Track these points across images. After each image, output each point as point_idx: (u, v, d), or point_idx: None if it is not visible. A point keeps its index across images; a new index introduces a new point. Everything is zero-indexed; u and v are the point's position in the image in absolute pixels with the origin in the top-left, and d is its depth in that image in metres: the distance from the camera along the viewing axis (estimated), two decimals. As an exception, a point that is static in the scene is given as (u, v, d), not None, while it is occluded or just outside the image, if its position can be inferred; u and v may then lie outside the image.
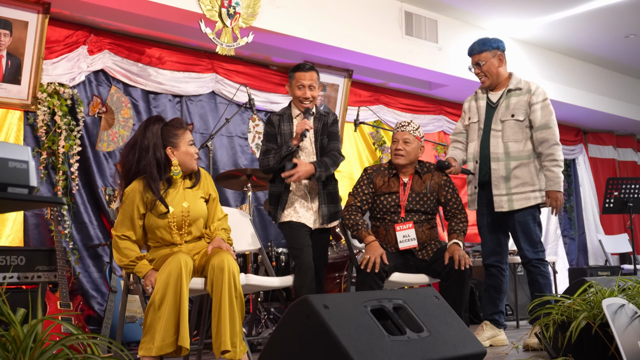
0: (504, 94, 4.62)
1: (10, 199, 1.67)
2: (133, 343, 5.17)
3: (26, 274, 4.71)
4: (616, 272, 7.89)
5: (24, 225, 5.47)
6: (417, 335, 2.57)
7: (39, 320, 1.94)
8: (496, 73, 4.62)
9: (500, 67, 4.63)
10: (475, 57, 4.65)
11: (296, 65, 4.29)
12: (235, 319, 3.39)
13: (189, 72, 6.60)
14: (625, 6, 7.69)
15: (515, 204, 4.48)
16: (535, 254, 4.48)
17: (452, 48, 7.62)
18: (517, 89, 4.62)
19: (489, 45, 4.62)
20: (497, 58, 4.61)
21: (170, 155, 3.63)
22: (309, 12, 6.42)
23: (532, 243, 4.49)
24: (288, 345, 2.49)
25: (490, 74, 4.62)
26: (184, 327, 3.30)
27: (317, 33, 6.51)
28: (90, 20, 5.89)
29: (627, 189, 7.00)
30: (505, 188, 4.50)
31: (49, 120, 5.64)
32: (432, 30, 7.52)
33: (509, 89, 4.62)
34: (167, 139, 3.63)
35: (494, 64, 4.60)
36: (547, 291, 4.43)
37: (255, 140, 7.08)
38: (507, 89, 4.62)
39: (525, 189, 4.49)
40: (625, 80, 10.27)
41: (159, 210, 3.58)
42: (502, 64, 4.65)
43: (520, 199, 4.48)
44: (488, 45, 4.62)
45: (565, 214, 10.43)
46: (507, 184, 4.50)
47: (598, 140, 11.03)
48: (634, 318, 2.94)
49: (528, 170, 4.51)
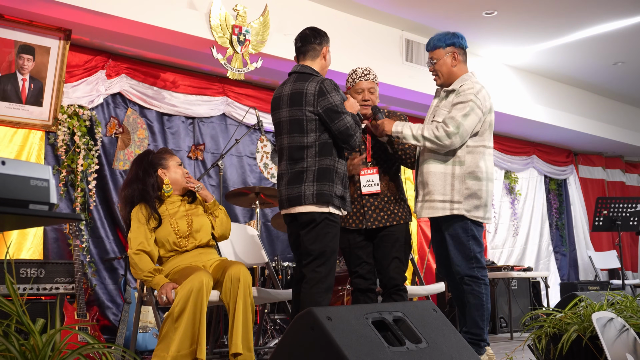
0: (444, 96, 4.04)
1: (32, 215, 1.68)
2: (146, 352, 5.16)
3: (45, 286, 4.71)
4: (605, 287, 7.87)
5: (43, 239, 5.47)
6: (415, 346, 2.56)
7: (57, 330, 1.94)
8: (447, 72, 4.00)
9: (455, 67, 4.00)
10: (429, 53, 4.08)
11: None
12: (248, 326, 3.45)
13: (201, 95, 6.63)
14: (614, 35, 7.71)
15: (423, 212, 3.95)
16: (469, 269, 3.87)
17: (449, 74, 7.64)
18: (453, 90, 3.98)
19: (443, 42, 4.01)
20: (450, 56, 3.99)
21: (162, 176, 3.82)
22: (315, 40, 6.44)
23: (465, 257, 3.88)
24: (293, 355, 2.48)
25: (442, 72, 4.02)
26: (202, 340, 3.32)
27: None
28: (108, 46, 5.93)
29: (616, 208, 6.99)
30: (421, 195, 4.00)
31: (69, 140, 5.66)
32: (431, 57, 7.54)
33: (447, 90, 4.02)
34: (157, 163, 3.85)
35: (446, 63, 3.99)
36: (477, 313, 3.85)
37: (264, 160, 7.09)
38: (446, 89, 4.03)
39: (433, 197, 3.90)
40: (613, 105, 10.28)
41: (161, 221, 3.71)
42: (457, 63, 4.01)
43: (427, 208, 3.93)
44: (442, 41, 4.01)
45: (557, 231, 10.41)
46: (422, 190, 3.98)
47: (588, 162, 11.02)
48: (622, 331, 2.93)
49: (441, 177, 3.90)
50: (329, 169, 3.52)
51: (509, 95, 8.50)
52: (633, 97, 10.15)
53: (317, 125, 3.53)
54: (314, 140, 3.53)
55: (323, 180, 3.50)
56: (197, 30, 5.67)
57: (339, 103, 3.52)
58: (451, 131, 3.81)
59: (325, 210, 3.49)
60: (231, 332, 3.43)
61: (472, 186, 3.89)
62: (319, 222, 3.49)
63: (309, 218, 3.50)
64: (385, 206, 4.01)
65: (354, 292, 4.06)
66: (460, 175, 3.89)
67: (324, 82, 3.58)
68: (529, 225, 9.89)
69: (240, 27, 5.88)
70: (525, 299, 7.58)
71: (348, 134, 3.51)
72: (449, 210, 3.88)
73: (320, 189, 3.48)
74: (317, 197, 3.48)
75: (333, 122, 3.51)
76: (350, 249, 4.03)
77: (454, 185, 3.88)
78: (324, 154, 3.53)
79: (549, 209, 10.35)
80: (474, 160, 3.91)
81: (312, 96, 3.53)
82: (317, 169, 3.51)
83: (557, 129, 9.18)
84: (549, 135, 9.62)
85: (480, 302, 3.86)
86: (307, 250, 3.51)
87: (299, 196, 3.51)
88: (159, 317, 3.64)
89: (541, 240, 10.01)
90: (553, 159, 10.30)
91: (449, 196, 3.88)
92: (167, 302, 3.40)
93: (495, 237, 9.33)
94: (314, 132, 3.53)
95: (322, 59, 3.74)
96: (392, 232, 4.01)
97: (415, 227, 8.22)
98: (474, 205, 3.90)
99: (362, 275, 4.01)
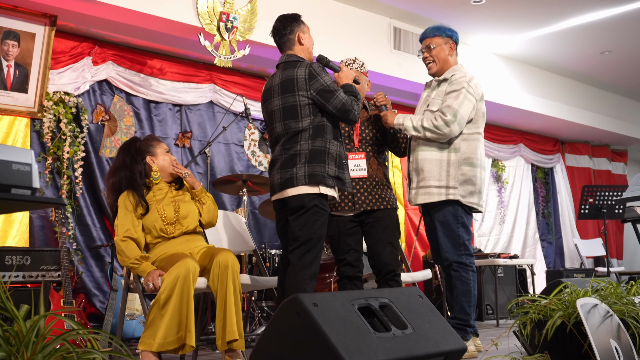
0: (436, 85, 4.18)
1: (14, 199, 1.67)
2: (133, 339, 5.15)
3: (31, 273, 4.68)
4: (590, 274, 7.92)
5: (29, 227, 5.44)
6: (401, 332, 2.56)
7: (41, 316, 1.93)
8: (444, 59, 4.17)
9: (450, 56, 4.19)
10: (427, 40, 4.24)
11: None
12: (239, 312, 3.46)
13: (188, 82, 6.60)
14: (601, 25, 7.73)
15: (419, 197, 4.05)
16: (457, 256, 3.97)
17: (437, 62, 7.63)
18: (445, 79, 4.13)
19: (443, 32, 4.21)
20: (448, 46, 4.18)
21: (151, 163, 3.80)
22: (303, 27, 6.42)
23: (454, 244, 3.98)
24: (279, 341, 2.48)
25: (438, 59, 4.17)
26: (190, 326, 3.32)
27: (310, 47, 6.51)
28: (94, 32, 5.88)
29: (602, 196, 7.03)
30: (415, 181, 4.09)
31: (55, 127, 5.62)
32: (419, 45, 7.52)
33: (439, 79, 4.17)
34: (145, 150, 3.82)
35: (444, 50, 4.17)
36: (465, 299, 3.95)
37: (251, 148, 7.08)
38: (437, 79, 4.18)
39: (428, 183, 4.01)
40: (600, 94, 10.32)
41: (149, 208, 3.69)
42: (452, 53, 4.20)
43: (423, 194, 4.03)
44: (442, 31, 4.21)
45: (544, 219, 10.46)
46: (417, 177, 4.08)
47: (574, 150, 11.07)
48: (606, 317, 2.94)
49: (436, 163, 4.01)
50: (321, 150, 3.55)
51: (497, 83, 8.51)
52: (620, 86, 10.19)
53: (310, 110, 3.57)
54: (308, 124, 3.56)
55: (314, 161, 3.53)
56: (184, 17, 5.64)
57: (330, 83, 3.57)
58: (449, 119, 3.93)
59: (316, 192, 3.51)
60: (223, 320, 3.42)
61: (467, 172, 4.00)
62: (308, 209, 3.50)
63: (299, 203, 3.52)
64: (374, 190, 4.06)
65: (341, 279, 4.06)
66: (456, 162, 4.00)
67: (312, 65, 3.61)
68: (516, 213, 9.94)
69: (227, 14, 5.84)
70: (512, 286, 7.63)
71: (345, 109, 3.55)
72: (445, 195, 3.97)
73: (312, 170, 3.51)
74: (308, 178, 3.50)
75: (328, 101, 3.55)
76: (339, 236, 4.04)
77: (449, 172, 3.98)
78: (317, 136, 3.56)
79: (536, 197, 10.40)
80: (469, 147, 4.04)
81: (304, 80, 3.56)
82: (310, 150, 3.54)
83: (545, 117, 9.21)
84: (536, 124, 9.65)
85: (468, 289, 3.95)
86: (294, 236, 3.53)
87: (291, 178, 3.52)
88: (145, 304, 3.62)
89: (528, 228, 10.06)
90: (540, 147, 10.34)
91: (444, 182, 3.98)
92: (154, 289, 3.39)
93: (482, 225, 9.37)
94: (308, 116, 3.56)
95: (298, 44, 3.76)
96: (382, 217, 4.04)
97: (403, 214, 8.24)
98: (469, 191, 4.00)
99: (350, 262, 4.02)
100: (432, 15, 7.29)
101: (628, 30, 7.93)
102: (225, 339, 3.40)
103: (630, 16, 7.51)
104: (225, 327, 3.41)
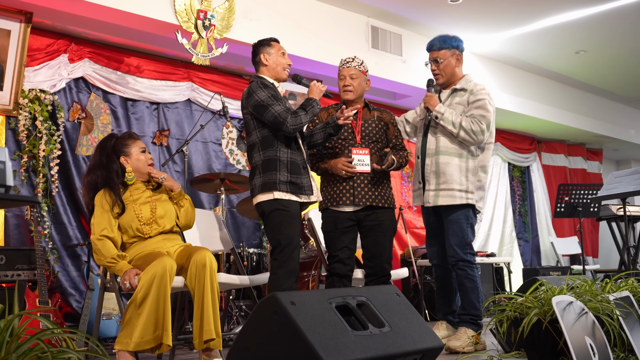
0: (450, 93, 4.34)
1: (-13, 198, 1.65)
2: (109, 339, 5.11)
3: (6, 273, 4.63)
4: (566, 272, 8.00)
5: (4, 226, 5.38)
6: (379, 330, 2.57)
7: (15, 315, 1.91)
8: (451, 72, 4.33)
9: (457, 67, 4.35)
10: (434, 53, 4.37)
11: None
12: (217, 311, 3.45)
13: (166, 80, 6.56)
14: (576, 24, 7.80)
15: (440, 199, 4.20)
16: (464, 254, 4.18)
17: (415, 61, 7.66)
18: (463, 89, 4.31)
19: (449, 44, 4.33)
20: (455, 57, 4.33)
21: (125, 163, 3.75)
22: (281, 25, 6.41)
23: (462, 243, 4.18)
24: (257, 340, 2.47)
25: (445, 72, 4.33)
26: (167, 325, 3.29)
27: (288, 45, 6.43)
28: (71, 29, 5.82)
29: (577, 194, 7.10)
30: (434, 184, 4.22)
31: (30, 125, 5.56)
32: (397, 44, 7.56)
33: (455, 88, 4.32)
34: (120, 150, 3.77)
35: (451, 63, 4.32)
36: (474, 296, 4.19)
37: (229, 146, 7.05)
38: (454, 87, 4.33)
39: (450, 186, 4.17)
40: (575, 94, 10.41)
41: (125, 208, 3.66)
42: (459, 64, 4.38)
43: (445, 196, 4.19)
44: (448, 43, 4.34)
45: (520, 218, 10.53)
46: (437, 179, 4.21)
47: (551, 149, 11.17)
48: (581, 314, 2.97)
49: (457, 168, 4.19)
50: (272, 159, 3.77)
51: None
52: (594, 85, 10.29)
53: (255, 124, 3.83)
54: (257, 137, 3.82)
55: (267, 170, 3.77)
56: (161, 15, 5.60)
57: (264, 98, 3.77)
58: (484, 129, 4.17)
59: (270, 198, 3.73)
60: (200, 319, 3.40)
61: (482, 179, 4.28)
62: (268, 214, 3.74)
63: (260, 211, 3.79)
64: (374, 186, 4.15)
65: (330, 276, 4.09)
66: (473, 168, 4.23)
67: (251, 84, 3.88)
68: (493, 212, 10.00)
69: (205, 12, 5.82)
70: (489, 284, 7.67)
71: (277, 122, 3.73)
72: (465, 199, 4.19)
73: (266, 179, 3.76)
74: (262, 187, 3.76)
75: (262, 115, 3.77)
76: (335, 232, 4.11)
77: (467, 177, 4.21)
78: (267, 147, 3.79)
79: (512, 195, 10.47)
80: (485, 155, 4.31)
81: (245, 100, 3.85)
82: (262, 161, 3.79)
83: (521, 116, 9.27)
84: (513, 123, 9.70)
85: (476, 286, 4.20)
86: (268, 240, 3.79)
87: (253, 189, 3.82)
88: (122, 303, 3.59)
89: (504, 227, 10.13)
90: (517, 146, 10.41)
91: (464, 186, 4.19)
92: (131, 288, 3.36)
93: (459, 223, 9.39)
94: (254, 129, 3.83)
95: (262, 65, 3.98)
96: (382, 220, 4.14)
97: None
98: (480, 196, 4.29)
99: (341, 260, 4.07)
100: (409, 14, 7.32)
101: (603, 30, 8.01)
102: (202, 338, 3.39)
103: (605, 16, 7.59)
104: (202, 326, 3.39)
